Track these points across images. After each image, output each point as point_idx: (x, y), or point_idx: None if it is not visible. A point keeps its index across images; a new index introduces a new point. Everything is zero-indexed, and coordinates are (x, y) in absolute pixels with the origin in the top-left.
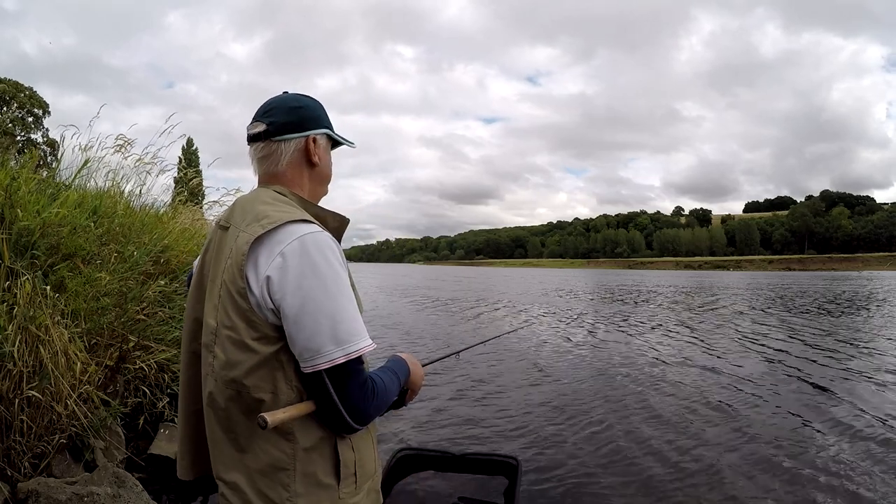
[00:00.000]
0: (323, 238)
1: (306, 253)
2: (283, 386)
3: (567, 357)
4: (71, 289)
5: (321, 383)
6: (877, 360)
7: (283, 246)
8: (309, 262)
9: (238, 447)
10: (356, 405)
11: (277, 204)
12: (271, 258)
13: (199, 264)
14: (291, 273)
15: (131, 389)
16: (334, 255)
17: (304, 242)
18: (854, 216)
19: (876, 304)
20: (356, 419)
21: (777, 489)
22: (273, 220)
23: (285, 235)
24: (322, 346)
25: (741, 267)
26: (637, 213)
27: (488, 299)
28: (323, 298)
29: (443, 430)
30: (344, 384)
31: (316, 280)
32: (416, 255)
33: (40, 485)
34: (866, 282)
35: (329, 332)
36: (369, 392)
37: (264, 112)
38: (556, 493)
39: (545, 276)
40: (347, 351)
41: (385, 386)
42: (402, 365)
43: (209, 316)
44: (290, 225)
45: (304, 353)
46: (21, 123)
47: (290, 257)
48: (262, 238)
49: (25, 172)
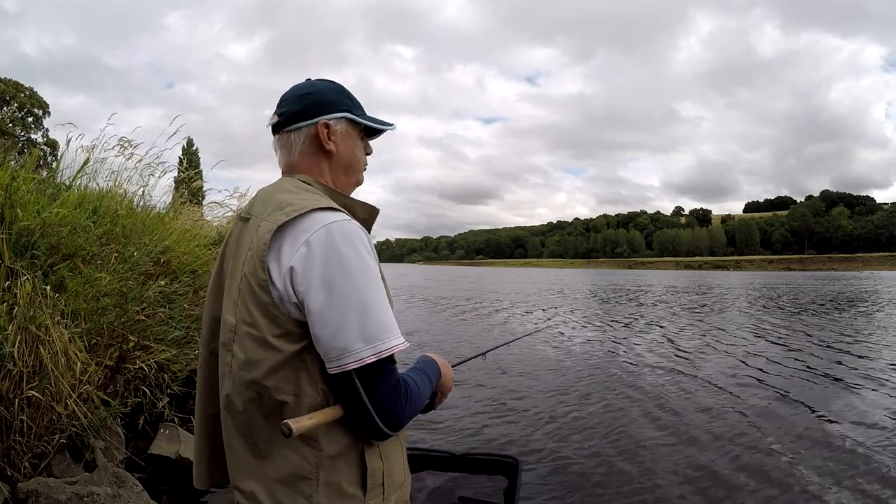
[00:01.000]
0: (351, 227)
1: (333, 242)
2: (307, 388)
3: (568, 358)
4: (71, 289)
5: (350, 385)
6: (877, 361)
7: (308, 235)
8: (335, 251)
9: (257, 454)
10: (389, 409)
11: (301, 192)
12: (295, 248)
13: (219, 259)
14: (317, 263)
15: (131, 389)
16: (363, 245)
17: (331, 231)
18: (854, 216)
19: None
20: (389, 424)
21: (778, 490)
22: (297, 207)
23: (310, 224)
24: (350, 343)
25: (741, 267)
26: (637, 213)
27: (489, 300)
28: (351, 291)
29: (443, 430)
30: (376, 386)
31: (343, 271)
32: (416, 255)
33: (40, 485)
34: (868, 282)
35: (357, 328)
36: (402, 395)
37: (279, 103)
38: (556, 494)
39: (545, 276)
40: (378, 349)
41: (418, 389)
42: (433, 366)
43: (228, 312)
44: (315, 213)
45: (331, 352)
46: (21, 123)
47: (316, 246)
48: (286, 227)
49: (25, 172)
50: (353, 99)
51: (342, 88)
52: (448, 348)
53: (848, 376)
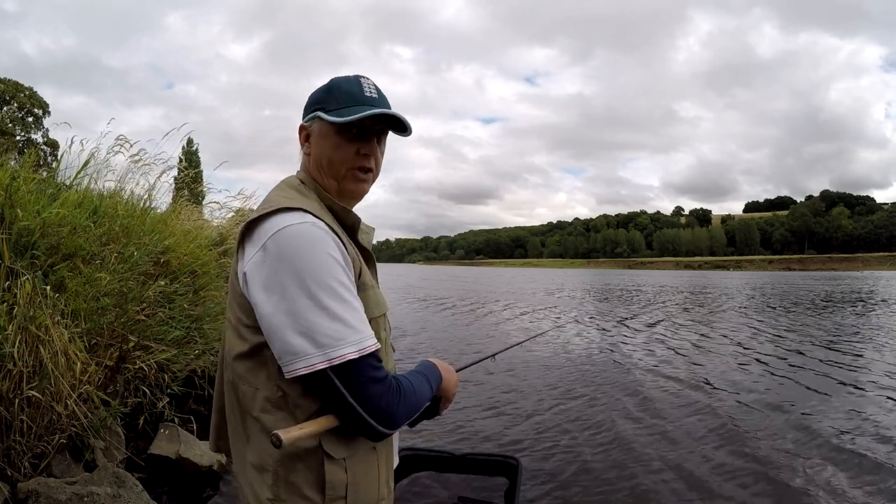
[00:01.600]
0: (307, 230)
1: (286, 246)
2: (265, 381)
3: (569, 359)
4: (71, 289)
5: (331, 387)
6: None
7: (266, 238)
8: (287, 255)
9: (240, 437)
10: (379, 406)
11: (287, 190)
12: (253, 251)
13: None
14: (267, 268)
15: (131, 389)
16: (322, 248)
17: (285, 234)
18: (854, 216)
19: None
20: (382, 422)
21: (778, 491)
22: (265, 207)
23: (267, 227)
24: (299, 349)
25: (741, 267)
26: (637, 213)
27: (489, 301)
28: (299, 297)
29: (443, 430)
30: (358, 384)
31: (293, 277)
32: (416, 255)
33: (40, 485)
34: (866, 282)
35: (307, 334)
36: (393, 391)
37: None
38: (556, 494)
39: (545, 276)
40: (330, 356)
41: (413, 387)
42: (432, 370)
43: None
44: (278, 213)
45: (282, 357)
46: (21, 123)
47: (269, 251)
48: (252, 226)
49: (25, 172)
50: (338, 96)
51: (330, 86)
52: (444, 348)
53: (850, 376)
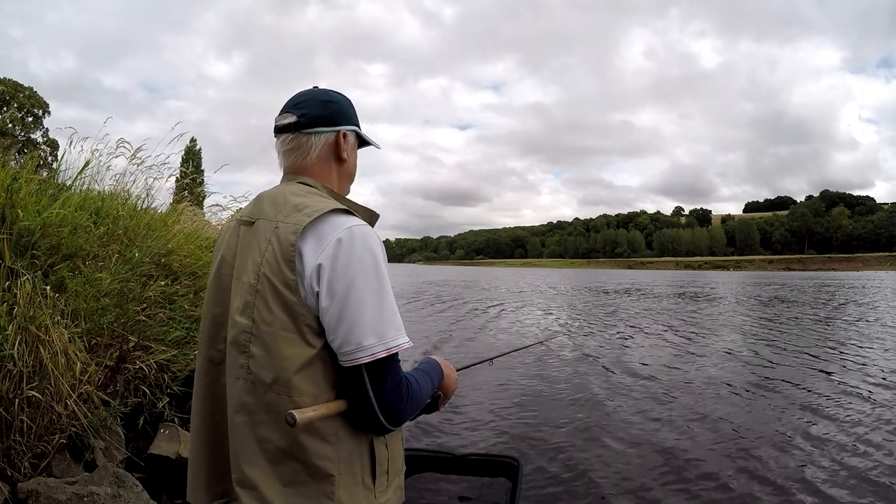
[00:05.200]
0: (371, 231)
1: (356, 244)
2: (324, 384)
3: (569, 360)
4: (71, 289)
5: (359, 380)
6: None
7: (334, 234)
8: (360, 252)
9: (272, 458)
10: (391, 405)
11: (312, 196)
12: (321, 247)
13: (217, 264)
14: (342, 262)
15: (131, 389)
16: (381, 249)
17: (354, 234)
18: (854, 216)
19: None
20: (390, 420)
21: (779, 492)
22: (316, 209)
23: (332, 225)
24: (363, 339)
25: (741, 267)
26: (637, 213)
27: (488, 302)
28: (369, 291)
29: (444, 431)
30: (381, 382)
31: (363, 272)
32: (417, 255)
33: (40, 485)
34: (863, 283)
35: (372, 325)
36: (404, 392)
37: (295, 104)
38: (557, 494)
39: (545, 277)
40: (389, 345)
41: (419, 388)
42: (435, 368)
43: (239, 314)
44: (335, 215)
45: (345, 346)
46: (21, 123)
47: (345, 246)
48: (308, 228)
49: (26, 173)
50: (356, 114)
51: (351, 103)
52: (446, 350)
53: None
